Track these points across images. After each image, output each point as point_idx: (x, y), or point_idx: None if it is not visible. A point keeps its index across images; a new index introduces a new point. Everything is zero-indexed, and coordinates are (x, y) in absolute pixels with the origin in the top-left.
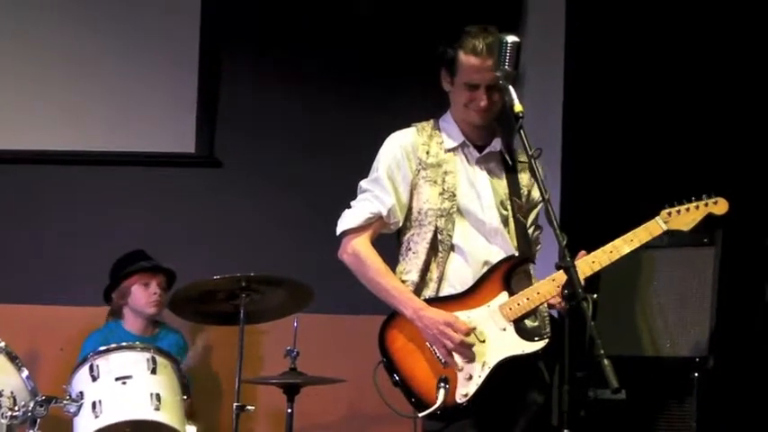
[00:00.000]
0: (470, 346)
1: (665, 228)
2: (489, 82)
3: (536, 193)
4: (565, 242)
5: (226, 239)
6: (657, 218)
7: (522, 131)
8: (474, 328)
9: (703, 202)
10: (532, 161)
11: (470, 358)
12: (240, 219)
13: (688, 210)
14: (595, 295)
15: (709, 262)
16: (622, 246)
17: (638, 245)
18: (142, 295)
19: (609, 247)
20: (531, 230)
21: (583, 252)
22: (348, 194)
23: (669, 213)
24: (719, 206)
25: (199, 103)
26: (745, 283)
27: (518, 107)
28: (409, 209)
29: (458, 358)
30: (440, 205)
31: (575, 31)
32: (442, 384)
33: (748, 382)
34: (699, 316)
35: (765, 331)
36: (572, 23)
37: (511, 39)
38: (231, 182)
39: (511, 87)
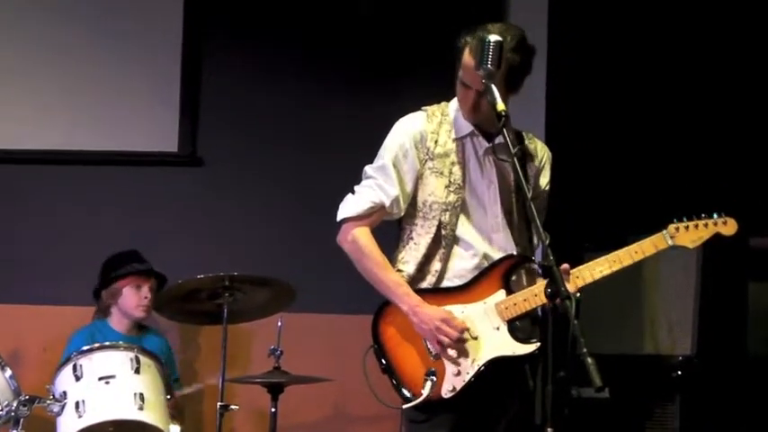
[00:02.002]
0: (465, 343)
1: (671, 243)
2: (480, 88)
3: (543, 181)
4: (548, 241)
5: (209, 238)
6: (664, 232)
7: (504, 131)
8: (468, 328)
9: (712, 221)
10: (514, 160)
11: (461, 354)
12: (223, 218)
13: (696, 226)
14: (578, 294)
15: (692, 261)
16: (626, 257)
17: (641, 257)
18: (133, 298)
19: (612, 256)
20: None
21: (566, 265)
22: (334, 194)
23: (677, 228)
24: (729, 227)
25: (181, 101)
26: (729, 282)
27: (500, 106)
28: (414, 198)
29: (449, 353)
30: (445, 199)
31: (557, 28)
32: (430, 377)
33: (731, 380)
34: (682, 315)
35: (748, 330)
36: (554, 21)
37: (493, 38)
38: (214, 181)
39: (493, 86)
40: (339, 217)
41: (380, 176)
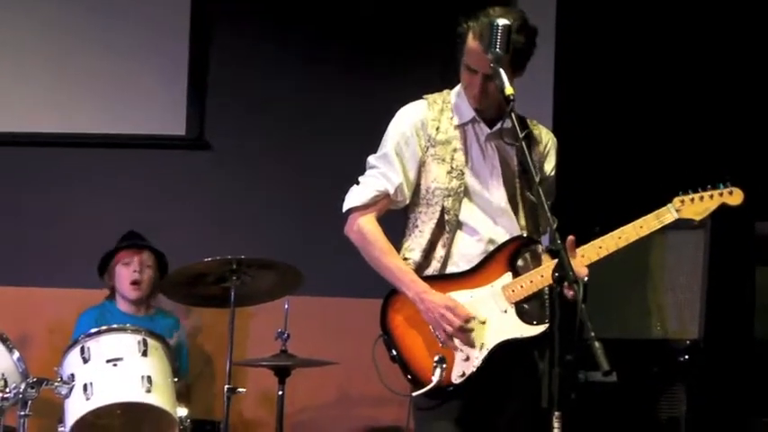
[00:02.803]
0: (470, 330)
1: (676, 216)
2: (487, 71)
3: (548, 167)
4: (555, 225)
5: (216, 222)
6: (669, 205)
7: (512, 115)
8: (474, 317)
9: (718, 191)
10: (522, 144)
11: (469, 339)
12: (230, 201)
13: (702, 198)
14: (586, 278)
15: (699, 245)
16: (631, 232)
17: (647, 232)
18: (123, 275)
19: (617, 232)
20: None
21: (571, 237)
22: (340, 177)
23: (682, 201)
24: (735, 196)
25: (189, 85)
26: (736, 266)
27: (509, 90)
28: (417, 186)
29: (457, 339)
30: (447, 184)
31: (565, 11)
32: (439, 363)
33: (738, 365)
34: (689, 299)
35: (756, 315)
36: (562, 7)
37: (501, 21)
38: (221, 164)
39: (501, 71)
40: (345, 207)
41: (383, 165)
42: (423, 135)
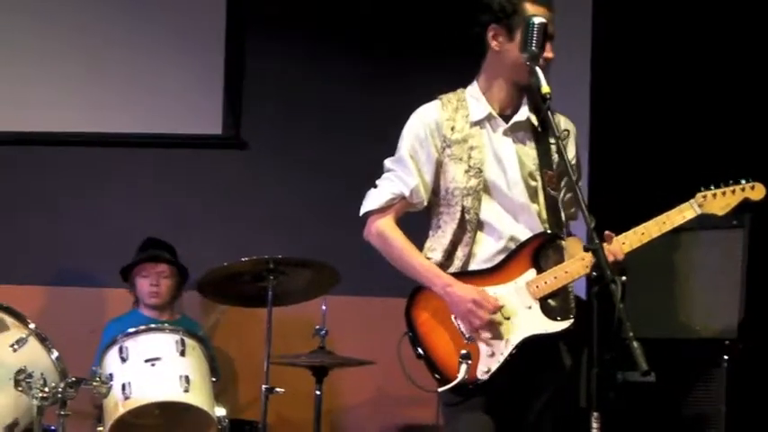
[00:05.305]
0: (497, 323)
1: (699, 212)
2: (553, 34)
3: (569, 155)
4: (593, 224)
5: (252, 221)
6: (692, 201)
7: (549, 113)
8: (502, 306)
9: (740, 187)
10: (560, 143)
11: (494, 335)
12: (267, 200)
13: (724, 193)
14: (624, 277)
15: (738, 244)
16: (654, 228)
17: (670, 227)
18: (143, 286)
19: (640, 228)
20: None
21: (608, 233)
22: (376, 175)
23: (704, 197)
24: (756, 191)
25: (225, 84)
26: None
27: (545, 88)
28: (437, 186)
29: (482, 335)
30: (466, 184)
31: (602, 8)
32: (464, 360)
33: None
34: (728, 299)
35: None
36: (598, 3)
37: (537, 20)
38: (258, 163)
39: (538, 68)
40: (362, 211)
41: (399, 168)
42: (437, 136)
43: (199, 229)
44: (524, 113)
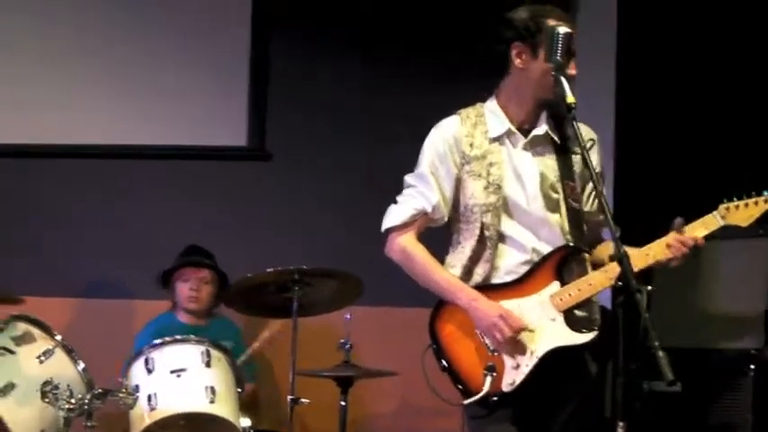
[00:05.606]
0: (522, 338)
1: (722, 223)
2: (575, 52)
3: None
4: (618, 234)
5: (277, 232)
6: (715, 212)
7: (574, 123)
8: (526, 327)
9: (763, 198)
10: (585, 153)
11: (519, 347)
12: (292, 211)
13: (747, 205)
14: (649, 287)
15: (763, 253)
16: None
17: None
18: (183, 291)
19: (664, 240)
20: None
21: (680, 220)
22: (402, 186)
23: (727, 208)
24: None
25: (250, 95)
26: None
27: (570, 98)
28: (456, 202)
29: (507, 348)
30: (485, 200)
31: (627, 12)
32: (489, 372)
33: None
34: (754, 307)
35: None
36: (624, 5)
37: (563, 30)
38: (282, 174)
39: (563, 78)
40: (384, 227)
41: (420, 184)
42: (456, 152)
43: (224, 239)
44: (543, 127)
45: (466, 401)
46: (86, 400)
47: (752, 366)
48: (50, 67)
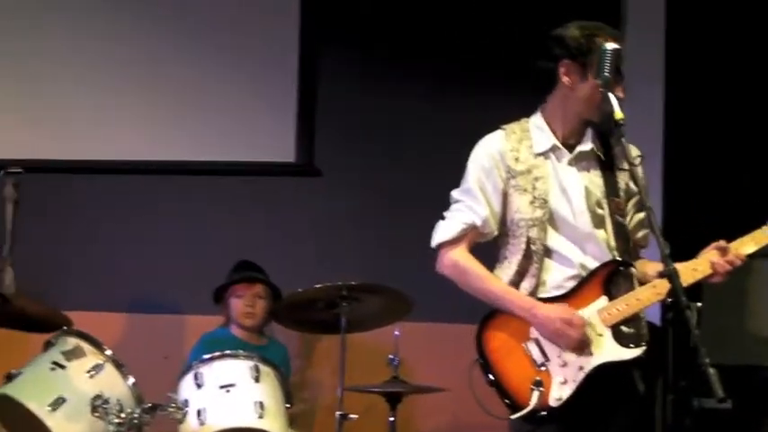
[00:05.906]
0: (589, 342)
1: None
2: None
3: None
4: (667, 251)
5: (327, 247)
6: (765, 227)
7: (623, 140)
8: (588, 324)
9: None
10: (633, 169)
11: (567, 362)
12: (341, 226)
13: None
14: (699, 304)
15: None
16: None
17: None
18: (237, 307)
19: (709, 256)
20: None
21: (722, 244)
22: (450, 202)
23: None
24: None
25: (298, 112)
26: None
27: (618, 115)
28: (503, 217)
29: (555, 361)
30: (531, 215)
31: (675, 30)
32: (536, 387)
33: None
34: None
35: None
36: (672, 22)
37: (611, 46)
38: (332, 190)
39: (611, 95)
40: (434, 243)
41: (468, 199)
42: (502, 167)
43: (273, 256)
44: (588, 144)
45: (513, 416)
46: (136, 415)
47: None
48: (118, 86)
